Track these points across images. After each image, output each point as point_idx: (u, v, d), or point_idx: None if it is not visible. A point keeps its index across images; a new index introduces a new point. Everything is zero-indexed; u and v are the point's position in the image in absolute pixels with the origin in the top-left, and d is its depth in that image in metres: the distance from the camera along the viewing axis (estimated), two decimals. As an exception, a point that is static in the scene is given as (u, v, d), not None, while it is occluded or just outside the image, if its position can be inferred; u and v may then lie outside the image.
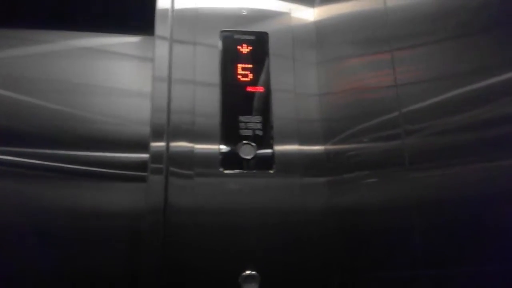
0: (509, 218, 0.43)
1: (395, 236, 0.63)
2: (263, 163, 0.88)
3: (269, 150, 0.89)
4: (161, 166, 0.84)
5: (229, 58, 0.95)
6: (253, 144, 0.88)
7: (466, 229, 0.49)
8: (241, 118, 0.90)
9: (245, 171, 0.87)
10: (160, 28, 0.95)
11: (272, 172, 0.87)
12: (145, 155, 0.87)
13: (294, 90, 0.94)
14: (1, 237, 0.87)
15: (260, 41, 0.97)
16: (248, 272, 0.80)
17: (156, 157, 0.85)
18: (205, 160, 0.86)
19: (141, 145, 0.91)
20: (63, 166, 0.93)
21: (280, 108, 0.92)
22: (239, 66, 0.94)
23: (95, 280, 0.88)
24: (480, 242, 0.47)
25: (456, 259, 0.51)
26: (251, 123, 0.90)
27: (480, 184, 0.48)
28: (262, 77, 0.94)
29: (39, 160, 0.93)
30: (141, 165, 0.90)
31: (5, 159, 0.92)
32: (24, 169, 0.92)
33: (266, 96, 0.92)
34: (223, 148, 0.88)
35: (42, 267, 0.87)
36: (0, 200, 0.89)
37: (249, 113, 0.91)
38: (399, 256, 0.62)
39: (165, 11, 0.97)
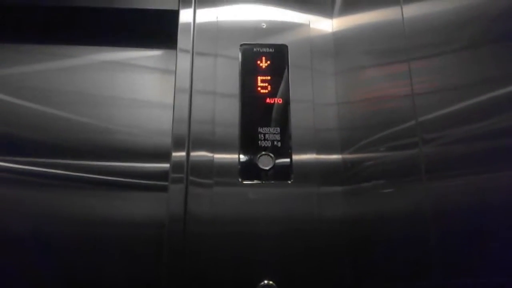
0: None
1: (411, 246, 0.62)
2: (281, 174, 0.88)
3: (287, 160, 0.89)
4: (181, 175, 0.86)
5: (249, 70, 0.96)
6: (272, 155, 0.89)
7: (482, 239, 0.49)
8: (260, 129, 0.91)
9: (263, 182, 0.88)
10: (182, 41, 0.98)
11: (290, 182, 0.88)
12: (165, 165, 0.89)
13: (312, 100, 0.94)
14: (22, 245, 0.90)
15: (279, 53, 0.98)
16: (265, 281, 0.80)
17: (177, 166, 0.86)
18: (224, 170, 0.87)
19: (162, 155, 0.93)
20: (85, 176, 0.96)
21: (299, 118, 0.92)
22: (259, 78, 0.96)
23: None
24: (497, 252, 0.47)
25: (471, 269, 0.50)
26: (270, 134, 0.91)
27: (496, 194, 0.48)
28: (281, 88, 0.95)
29: (61, 170, 0.96)
30: (162, 175, 0.92)
31: (29, 169, 0.95)
32: (47, 179, 0.95)
33: (285, 107, 0.93)
34: (242, 158, 0.89)
35: (60, 275, 0.89)
36: (23, 209, 0.92)
37: (268, 124, 0.92)
38: (415, 266, 0.61)
39: (187, 25, 0.99)
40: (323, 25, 1.02)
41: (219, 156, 0.88)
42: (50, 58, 1.08)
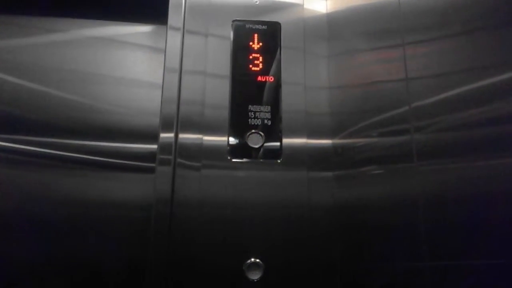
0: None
1: (401, 230, 0.63)
2: (271, 153, 0.87)
3: (277, 139, 0.88)
4: (169, 157, 0.85)
5: (241, 47, 0.94)
6: (262, 133, 0.88)
7: (471, 224, 0.49)
8: (251, 107, 0.90)
9: (252, 160, 0.87)
10: (173, 18, 0.95)
11: (279, 162, 0.87)
12: (153, 146, 0.87)
13: (304, 82, 0.93)
14: (9, 224, 0.89)
15: (272, 31, 0.96)
16: (252, 259, 0.81)
17: (165, 148, 0.85)
18: (214, 151, 0.86)
19: (150, 136, 0.92)
20: (71, 156, 0.94)
21: (290, 99, 0.91)
22: (250, 55, 0.94)
23: (100, 272, 0.89)
24: (485, 237, 0.47)
25: (460, 253, 0.51)
26: (260, 112, 0.90)
27: (488, 181, 0.48)
28: (273, 67, 0.93)
29: (47, 149, 0.94)
30: (149, 156, 0.91)
31: (14, 147, 0.93)
32: (32, 157, 0.93)
33: (276, 87, 0.92)
34: (232, 136, 0.88)
35: (45, 255, 0.88)
36: (8, 189, 0.90)
37: (259, 102, 0.90)
38: (404, 249, 0.62)
39: (178, 0, 0.96)
40: (317, 5, 1.00)
41: (208, 138, 0.87)
42: (34, 32, 1.04)
